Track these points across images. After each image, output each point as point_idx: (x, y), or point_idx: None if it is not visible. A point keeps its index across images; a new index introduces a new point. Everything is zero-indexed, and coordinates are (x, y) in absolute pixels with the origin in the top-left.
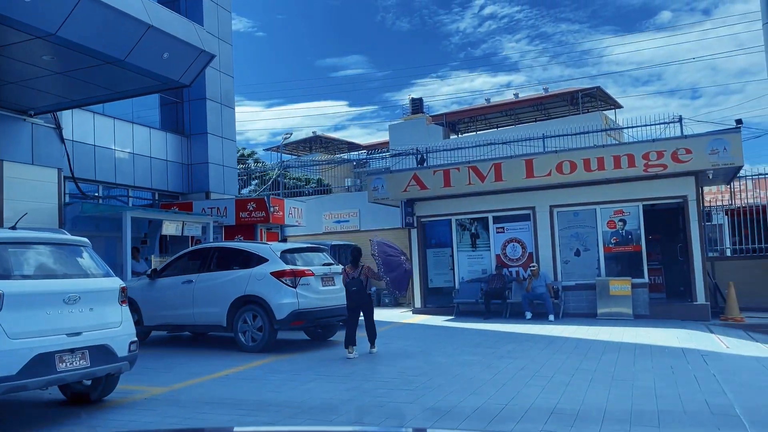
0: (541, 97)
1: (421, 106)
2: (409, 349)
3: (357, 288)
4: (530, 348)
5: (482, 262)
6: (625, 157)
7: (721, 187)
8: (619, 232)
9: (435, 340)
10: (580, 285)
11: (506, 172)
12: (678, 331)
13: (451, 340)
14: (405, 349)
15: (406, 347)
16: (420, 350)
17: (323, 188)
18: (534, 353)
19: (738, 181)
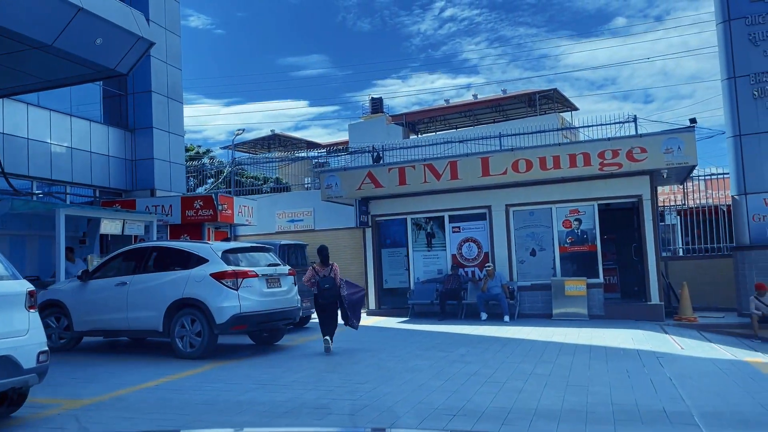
0: (499, 98)
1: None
2: (359, 354)
3: (330, 285)
4: (484, 351)
5: (438, 262)
6: (581, 156)
7: (674, 188)
8: (574, 231)
9: (387, 344)
10: (536, 285)
11: (462, 171)
12: (633, 332)
13: (404, 344)
14: (355, 353)
15: (357, 351)
16: (370, 355)
17: (281, 187)
18: (488, 356)
19: (690, 182)
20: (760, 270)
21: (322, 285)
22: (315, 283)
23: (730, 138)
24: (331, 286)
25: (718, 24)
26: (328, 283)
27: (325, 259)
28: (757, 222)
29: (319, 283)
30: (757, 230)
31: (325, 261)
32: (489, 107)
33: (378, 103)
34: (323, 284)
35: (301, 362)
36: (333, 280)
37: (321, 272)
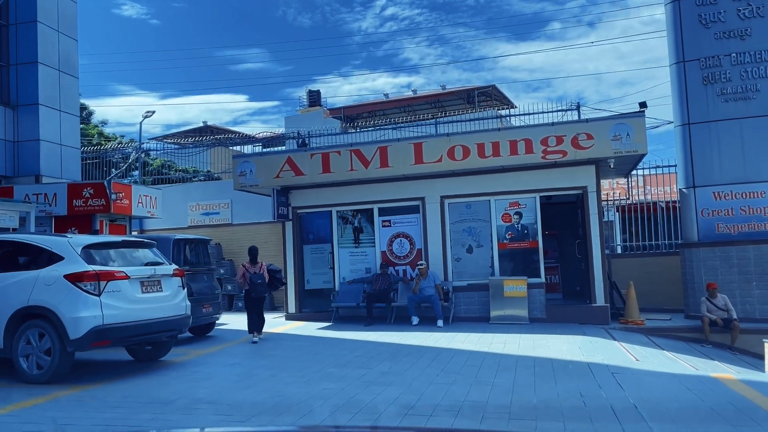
0: (438, 94)
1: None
2: (257, 374)
3: (262, 281)
4: (411, 366)
5: (366, 260)
6: (522, 143)
7: (613, 183)
8: (514, 226)
9: (297, 359)
10: (473, 285)
11: (393, 158)
12: (579, 339)
13: (318, 358)
14: (252, 373)
15: (255, 370)
16: (270, 375)
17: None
18: (413, 375)
19: (629, 178)
20: (709, 269)
21: (255, 280)
22: (247, 279)
23: (678, 127)
24: (264, 282)
25: (666, 4)
26: (260, 278)
27: (254, 258)
28: (705, 217)
29: (251, 279)
30: (705, 226)
31: (253, 260)
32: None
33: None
34: (255, 279)
35: (178, 387)
36: (264, 277)
37: (251, 269)
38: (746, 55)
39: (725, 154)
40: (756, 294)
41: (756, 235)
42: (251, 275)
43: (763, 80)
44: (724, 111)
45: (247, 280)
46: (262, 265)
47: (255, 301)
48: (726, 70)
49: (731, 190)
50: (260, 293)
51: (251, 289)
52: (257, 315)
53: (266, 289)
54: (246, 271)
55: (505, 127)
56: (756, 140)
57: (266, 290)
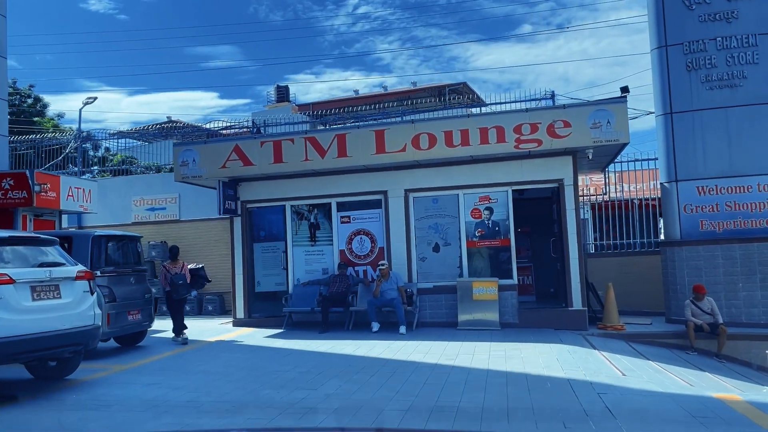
0: (409, 90)
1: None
2: (176, 397)
3: (183, 281)
4: (362, 386)
5: (323, 259)
6: (494, 131)
7: (587, 180)
8: (484, 222)
9: (230, 376)
10: (439, 287)
11: (352, 146)
12: (556, 348)
13: (255, 374)
14: (170, 395)
15: (177, 391)
16: (190, 399)
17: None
18: (363, 398)
19: (606, 173)
20: (692, 269)
21: (177, 281)
22: (168, 280)
23: (659, 116)
24: (185, 282)
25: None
26: (182, 279)
27: (175, 257)
28: (688, 213)
29: (173, 280)
30: (688, 223)
31: (174, 259)
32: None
33: (284, 92)
34: (177, 280)
35: (61, 420)
36: (185, 277)
37: (173, 270)
38: (733, 40)
39: (710, 146)
40: (742, 296)
41: (742, 233)
42: (172, 276)
43: (750, 66)
44: (709, 99)
45: (168, 281)
46: (183, 265)
47: (177, 303)
48: (711, 55)
49: (716, 185)
50: (181, 294)
51: (172, 290)
52: (182, 314)
53: (188, 290)
54: (167, 272)
55: (476, 113)
56: (743, 131)
57: (188, 291)
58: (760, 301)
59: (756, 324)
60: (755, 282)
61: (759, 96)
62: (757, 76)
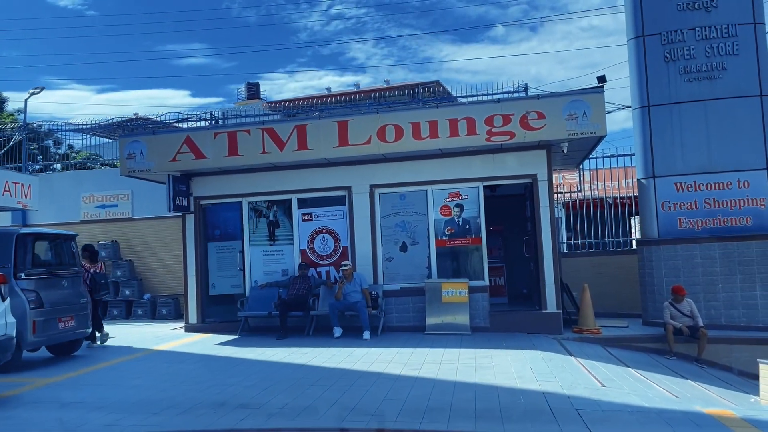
0: (382, 88)
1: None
2: (93, 421)
3: (105, 281)
4: (313, 404)
5: (283, 259)
6: (464, 122)
7: (560, 178)
8: (454, 220)
9: (166, 392)
10: (406, 290)
11: (313, 138)
12: (529, 355)
13: (195, 389)
14: (86, 419)
15: (94, 413)
16: (110, 422)
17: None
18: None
19: (581, 169)
20: (670, 269)
21: (99, 280)
22: (86, 280)
23: (636, 109)
24: (107, 282)
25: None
26: (104, 278)
27: (94, 257)
28: (666, 211)
29: (94, 279)
30: (666, 221)
31: (93, 258)
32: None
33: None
34: (99, 279)
35: None
36: (106, 276)
37: (91, 269)
38: (712, 30)
39: (688, 141)
40: (722, 297)
41: (722, 231)
42: (92, 274)
43: (730, 58)
44: (687, 92)
45: (86, 280)
46: (101, 265)
47: (101, 303)
48: (690, 45)
49: (695, 181)
50: (101, 294)
51: (94, 289)
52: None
53: (107, 288)
54: (87, 271)
55: (445, 104)
56: (722, 124)
57: (106, 290)
58: (740, 303)
59: (736, 326)
60: (735, 283)
61: (739, 89)
62: (736, 67)
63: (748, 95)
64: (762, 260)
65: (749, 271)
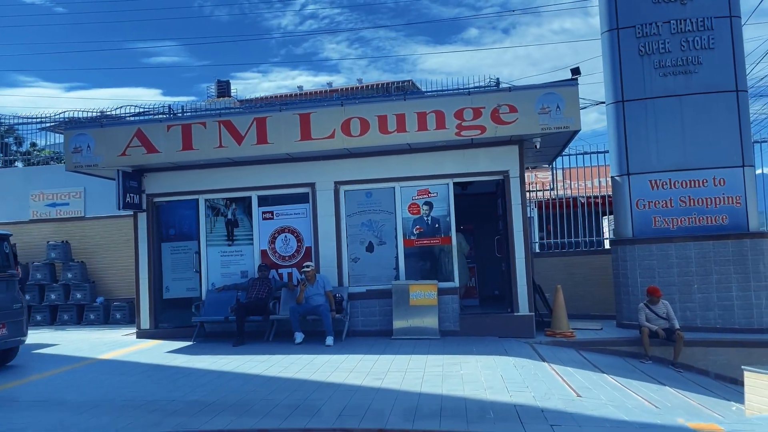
0: (354, 87)
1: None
2: None
3: None
4: (259, 423)
5: (243, 261)
6: (433, 115)
7: (532, 177)
8: (423, 219)
9: (97, 408)
10: (373, 292)
11: (273, 132)
12: (501, 362)
13: (131, 406)
14: None
15: None
16: None
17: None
18: None
19: (553, 167)
20: (645, 269)
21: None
22: None
23: (610, 105)
24: None
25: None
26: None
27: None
28: (641, 209)
29: None
30: (641, 220)
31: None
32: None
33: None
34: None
35: None
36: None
37: None
38: (687, 23)
39: (664, 137)
40: (697, 299)
41: (697, 230)
42: None
43: (705, 52)
44: (662, 86)
45: None
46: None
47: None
48: (665, 39)
49: (670, 178)
50: None
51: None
52: None
53: None
54: None
55: (413, 96)
56: (698, 120)
57: None
58: (716, 304)
59: (712, 328)
60: (711, 283)
61: (714, 84)
62: (712, 62)
63: (724, 90)
64: (738, 260)
65: (725, 271)
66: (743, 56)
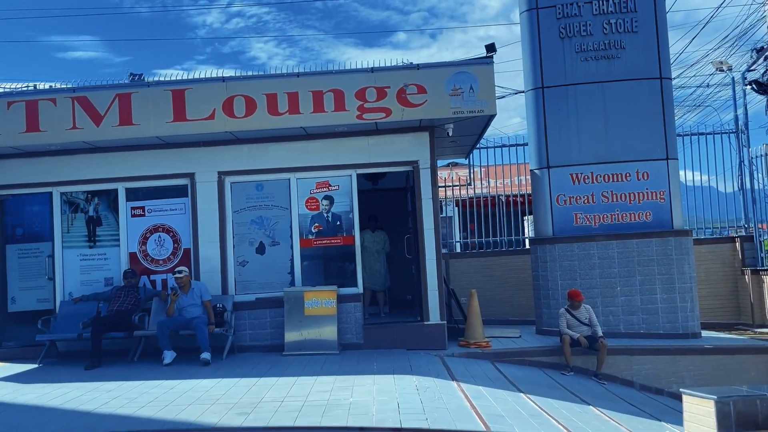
0: None
1: None
2: None
3: None
4: None
5: (108, 266)
6: (331, 95)
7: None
8: (323, 216)
9: None
10: (264, 300)
11: (140, 111)
12: (402, 383)
13: None
14: None
15: None
16: None
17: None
18: None
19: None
20: (566, 270)
21: None
22: None
23: (530, 91)
24: None
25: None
26: None
27: None
28: (561, 205)
29: None
30: (561, 216)
31: None
32: None
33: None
34: None
35: None
36: None
37: None
38: (610, 3)
39: (585, 126)
40: (620, 302)
41: (620, 227)
42: None
43: (628, 35)
44: (584, 72)
45: None
46: None
47: None
48: (587, 20)
49: (592, 172)
50: None
51: None
52: None
53: None
54: None
55: (307, 72)
56: (621, 109)
57: None
58: (640, 308)
59: (636, 334)
60: (634, 285)
61: (637, 70)
62: (635, 46)
63: (648, 77)
64: (662, 260)
65: (649, 272)
66: (667, 41)
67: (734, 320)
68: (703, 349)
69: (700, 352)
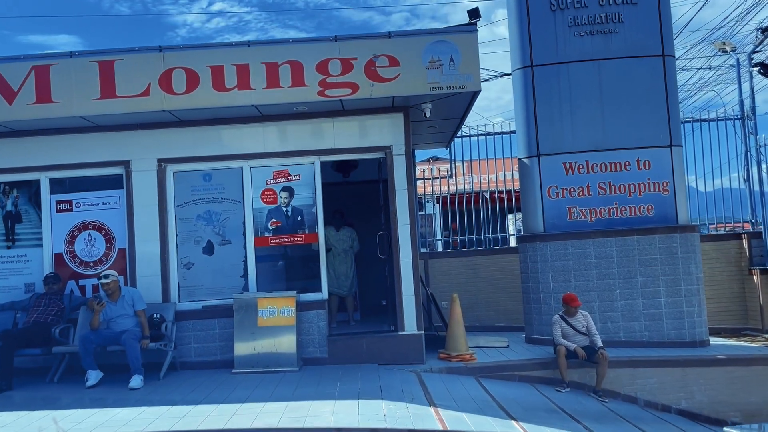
0: None
1: None
2: None
3: None
4: None
5: (29, 269)
6: (287, 67)
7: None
8: (281, 209)
9: None
10: (212, 309)
11: (61, 86)
12: (367, 410)
13: None
14: None
15: None
16: None
17: None
18: None
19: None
20: (559, 271)
21: None
22: None
23: (517, 71)
24: None
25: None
26: None
27: None
28: (553, 198)
29: None
30: (554, 211)
31: None
32: None
33: None
34: None
35: None
36: None
37: None
38: None
39: (580, 109)
40: (620, 306)
41: (619, 222)
42: None
43: (627, 7)
44: (578, 49)
45: None
46: None
47: None
48: None
49: (587, 161)
50: None
51: None
52: None
53: None
54: None
55: (260, 40)
56: (619, 90)
57: None
58: (642, 313)
59: (637, 342)
60: (636, 287)
61: (638, 46)
62: (635, 20)
63: (649, 54)
64: (666, 259)
65: (652, 272)
66: (670, 14)
67: (741, 325)
68: (714, 359)
69: (711, 363)
